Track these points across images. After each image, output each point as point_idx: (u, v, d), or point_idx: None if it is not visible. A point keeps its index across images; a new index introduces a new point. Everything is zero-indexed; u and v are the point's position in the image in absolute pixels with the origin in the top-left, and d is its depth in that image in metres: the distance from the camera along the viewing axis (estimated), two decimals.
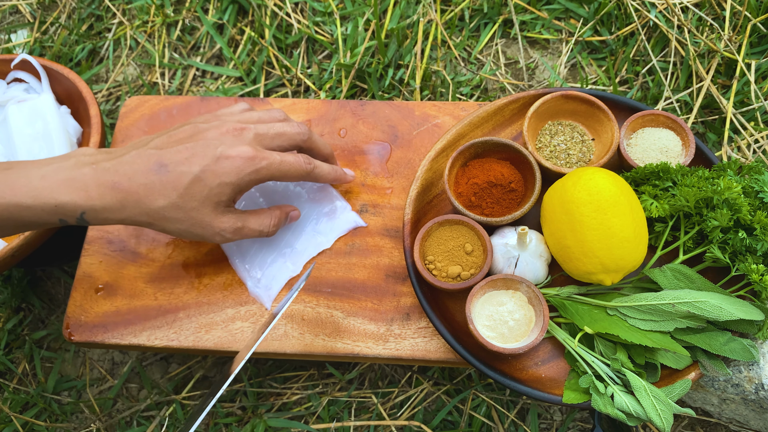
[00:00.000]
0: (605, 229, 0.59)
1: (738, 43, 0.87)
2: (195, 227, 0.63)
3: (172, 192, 0.60)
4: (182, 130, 0.64)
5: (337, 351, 0.68)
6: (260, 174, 0.63)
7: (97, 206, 0.59)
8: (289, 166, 0.65)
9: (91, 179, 0.59)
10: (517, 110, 0.75)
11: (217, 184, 0.61)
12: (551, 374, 0.64)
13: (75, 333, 0.72)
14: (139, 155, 0.61)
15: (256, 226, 0.67)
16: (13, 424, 0.79)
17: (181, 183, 0.60)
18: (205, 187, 0.61)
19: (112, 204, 0.60)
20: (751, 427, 0.72)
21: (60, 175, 0.59)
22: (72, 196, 0.58)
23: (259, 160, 0.62)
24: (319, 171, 0.69)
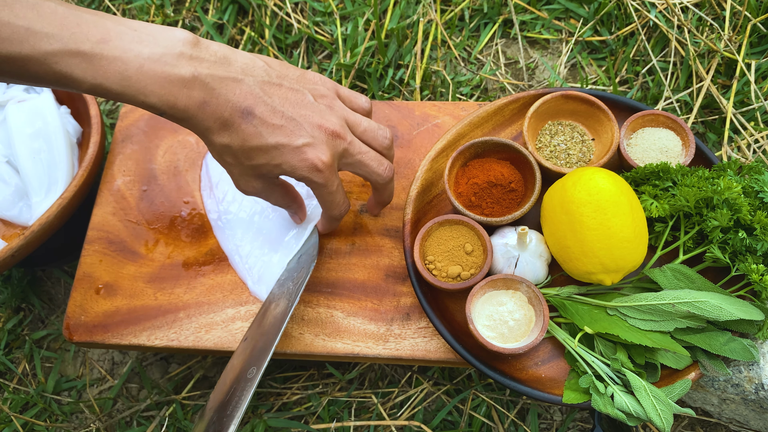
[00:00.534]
0: (605, 229, 0.59)
1: (738, 43, 0.87)
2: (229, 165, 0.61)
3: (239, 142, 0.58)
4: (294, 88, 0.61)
5: (337, 351, 0.68)
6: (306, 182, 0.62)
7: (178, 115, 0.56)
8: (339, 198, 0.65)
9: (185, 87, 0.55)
10: (517, 110, 0.75)
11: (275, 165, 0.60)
12: (551, 374, 0.64)
13: (75, 333, 0.72)
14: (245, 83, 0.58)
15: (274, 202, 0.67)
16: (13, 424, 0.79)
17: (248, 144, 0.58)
18: (263, 166, 0.60)
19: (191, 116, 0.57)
20: (751, 427, 0.72)
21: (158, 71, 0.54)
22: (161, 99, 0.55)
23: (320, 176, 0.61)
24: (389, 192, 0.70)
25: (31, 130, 0.82)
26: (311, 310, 0.70)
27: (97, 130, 0.82)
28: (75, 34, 0.52)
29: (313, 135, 0.60)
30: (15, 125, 0.82)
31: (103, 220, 0.78)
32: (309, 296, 0.71)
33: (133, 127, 0.84)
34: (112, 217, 0.78)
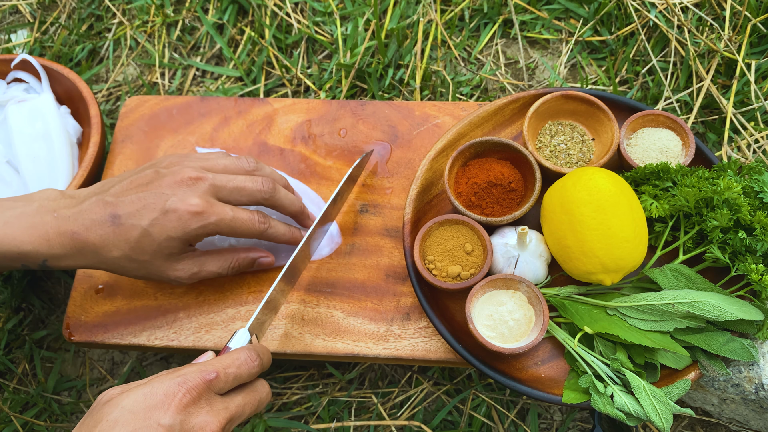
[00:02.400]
0: (605, 229, 0.59)
1: (738, 43, 0.87)
2: (152, 275, 0.64)
3: (125, 245, 0.61)
4: (144, 175, 0.64)
5: (337, 351, 0.68)
6: (207, 229, 0.62)
7: (58, 254, 0.61)
8: (240, 223, 0.64)
9: (52, 228, 0.61)
10: (517, 110, 0.75)
11: (165, 238, 0.61)
12: (551, 374, 0.64)
13: (75, 333, 0.72)
14: (97, 204, 0.62)
15: (214, 268, 0.67)
16: (13, 424, 0.79)
17: (132, 236, 0.61)
18: (153, 242, 0.61)
19: (72, 253, 0.61)
20: (751, 427, 0.72)
21: (23, 223, 0.61)
22: (34, 245, 0.60)
23: (208, 216, 0.62)
24: (273, 231, 0.67)
25: (31, 131, 0.82)
26: (311, 310, 0.70)
27: (97, 130, 0.82)
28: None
29: (175, 192, 0.62)
30: (15, 125, 0.82)
31: None
32: (309, 296, 0.71)
33: (133, 127, 0.84)
34: None
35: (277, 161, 0.80)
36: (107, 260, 0.62)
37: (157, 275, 0.64)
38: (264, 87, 0.96)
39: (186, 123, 0.84)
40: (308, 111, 0.82)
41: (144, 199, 0.61)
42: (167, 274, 0.65)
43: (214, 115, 0.84)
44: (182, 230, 0.61)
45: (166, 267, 0.64)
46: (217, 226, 0.63)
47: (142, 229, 0.61)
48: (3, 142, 0.83)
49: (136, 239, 0.61)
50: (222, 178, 0.64)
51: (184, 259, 0.65)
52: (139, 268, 0.63)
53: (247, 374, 0.54)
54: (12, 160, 0.82)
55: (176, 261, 0.64)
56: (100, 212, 0.61)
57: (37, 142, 0.82)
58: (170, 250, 0.63)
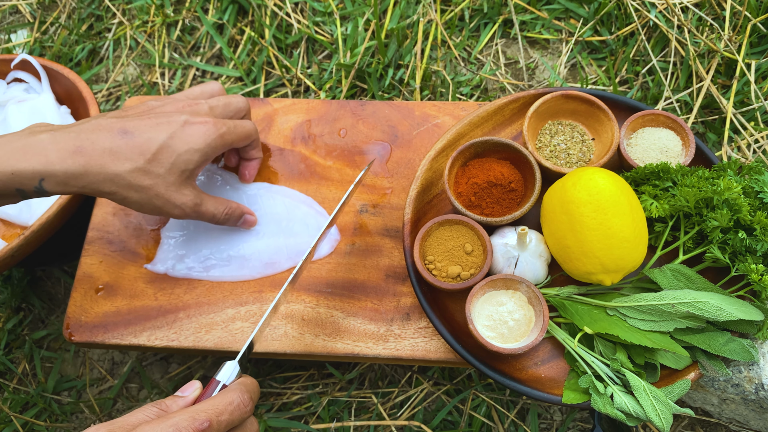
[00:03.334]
0: (605, 229, 0.59)
1: (738, 43, 0.87)
2: (156, 198, 0.62)
3: (139, 157, 0.59)
4: (136, 108, 0.64)
5: (337, 351, 0.68)
6: (224, 138, 0.65)
7: (57, 171, 0.57)
8: (243, 128, 0.69)
9: (50, 144, 0.57)
10: (517, 110, 0.75)
11: (185, 150, 0.61)
12: (551, 374, 0.64)
13: (75, 333, 0.72)
14: (100, 123, 0.60)
15: (211, 208, 0.68)
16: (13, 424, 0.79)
17: (149, 148, 0.60)
18: (173, 154, 0.61)
19: (75, 169, 0.57)
20: (751, 427, 0.72)
21: (15, 143, 0.56)
22: (30, 162, 0.56)
23: (221, 125, 0.65)
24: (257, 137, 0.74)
25: None
26: (311, 310, 0.70)
27: None
28: None
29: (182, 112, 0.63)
30: (15, 125, 0.82)
31: (104, 221, 0.78)
32: (309, 296, 0.71)
33: None
34: (113, 217, 0.78)
35: (277, 161, 0.80)
36: (115, 176, 0.59)
37: (162, 197, 0.62)
38: (264, 87, 0.96)
39: None
40: (308, 111, 0.82)
41: (155, 119, 0.61)
42: (174, 196, 0.63)
43: None
44: (203, 141, 0.62)
45: (175, 189, 0.63)
46: (231, 134, 0.66)
47: (162, 142, 0.60)
48: None
49: (154, 151, 0.60)
50: (213, 100, 0.68)
51: (190, 187, 0.65)
52: (147, 186, 0.61)
53: (239, 419, 0.51)
54: None
55: (184, 185, 0.64)
56: (107, 128, 0.59)
57: None
58: (188, 164, 0.62)
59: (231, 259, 0.73)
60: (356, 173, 0.78)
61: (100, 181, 0.59)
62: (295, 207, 0.76)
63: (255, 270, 0.73)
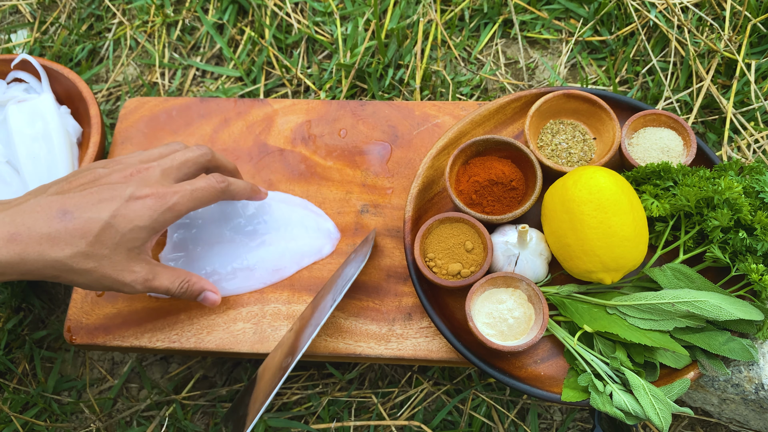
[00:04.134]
0: (606, 228, 0.59)
1: (738, 43, 0.87)
2: (103, 278, 0.59)
3: (80, 240, 0.56)
4: (82, 176, 0.60)
5: (339, 351, 0.68)
6: (175, 210, 0.60)
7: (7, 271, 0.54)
8: (201, 192, 0.62)
9: None
10: (518, 109, 0.75)
11: (130, 228, 0.58)
12: (550, 372, 0.64)
13: (76, 335, 0.72)
14: (39, 203, 0.56)
15: (166, 282, 0.63)
16: (13, 424, 0.79)
17: (90, 230, 0.56)
18: (117, 234, 0.57)
19: (10, 258, 0.54)
20: (751, 427, 0.72)
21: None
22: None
23: (171, 196, 0.60)
24: (235, 187, 0.67)
25: (31, 131, 0.82)
26: None
27: (97, 130, 0.82)
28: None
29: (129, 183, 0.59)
30: (15, 125, 0.82)
31: None
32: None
33: (133, 128, 0.84)
34: None
35: (277, 162, 0.80)
36: (55, 262, 0.55)
37: (110, 277, 0.59)
38: (264, 87, 0.96)
39: (186, 124, 0.84)
40: (308, 111, 0.82)
41: (97, 193, 0.57)
42: (122, 276, 0.59)
43: (213, 116, 0.84)
44: (149, 217, 0.58)
45: (123, 266, 0.59)
46: (182, 204, 0.60)
47: (104, 222, 0.56)
48: (3, 142, 0.83)
49: (96, 233, 0.56)
50: (166, 161, 0.63)
51: (141, 262, 0.61)
52: (93, 268, 0.57)
53: None
54: (12, 160, 0.82)
55: (134, 261, 0.60)
56: (45, 209, 0.56)
57: (37, 142, 0.82)
58: (133, 243, 0.58)
59: (236, 272, 0.73)
60: (356, 173, 0.78)
61: (39, 267, 0.55)
62: (292, 211, 0.75)
63: (262, 279, 0.72)
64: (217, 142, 0.82)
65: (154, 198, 0.59)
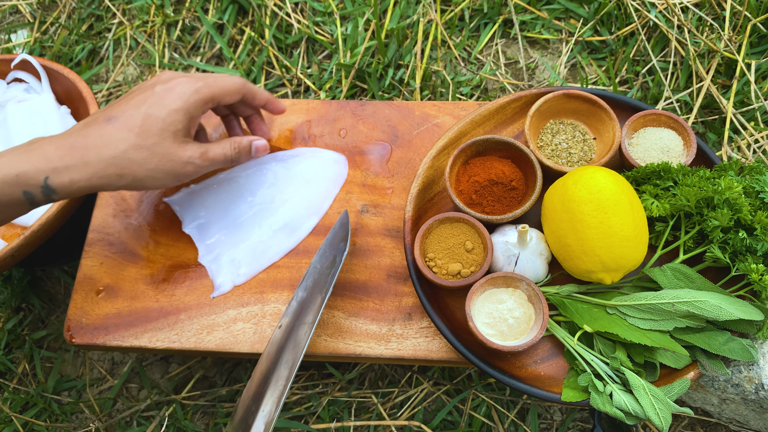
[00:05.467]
0: (606, 228, 0.59)
1: (738, 43, 0.87)
2: (164, 162, 0.63)
3: (129, 133, 0.61)
4: (128, 92, 0.66)
5: (339, 351, 0.68)
6: (202, 93, 0.65)
7: (59, 167, 0.59)
8: (224, 81, 0.68)
9: (48, 145, 0.60)
10: (518, 109, 0.75)
11: (167, 113, 0.62)
12: (550, 372, 0.64)
13: (76, 335, 0.72)
14: (88, 120, 0.63)
15: (219, 151, 0.68)
16: (13, 424, 0.79)
17: (134, 123, 0.61)
18: (158, 120, 0.62)
19: (75, 162, 0.60)
20: (751, 427, 0.72)
21: (18, 150, 0.60)
22: (32, 162, 0.58)
23: (195, 81, 0.65)
24: (252, 86, 0.72)
25: (31, 131, 0.82)
26: None
27: None
28: None
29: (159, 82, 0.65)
30: (15, 125, 0.82)
31: (104, 222, 0.78)
32: None
33: None
34: (113, 219, 0.78)
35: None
36: (115, 159, 0.61)
37: (169, 160, 0.64)
38: (264, 87, 0.96)
39: None
40: (308, 111, 0.82)
41: (135, 94, 0.64)
42: (179, 154, 0.64)
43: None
44: (181, 99, 0.63)
45: (176, 148, 0.64)
46: (208, 88, 0.66)
47: (143, 114, 0.62)
48: (3, 142, 0.83)
49: (140, 124, 0.61)
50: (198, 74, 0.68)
51: (190, 143, 0.66)
52: (149, 157, 0.62)
53: None
54: None
55: (183, 143, 0.65)
56: (94, 121, 0.62)
57: None
58: (176, 125, 0.63)
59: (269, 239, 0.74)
60: (356, 173, 0.78)
61: (103, 168, 0.61)
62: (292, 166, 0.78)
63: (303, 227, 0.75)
64: None
65: (182, 84, 0.64)
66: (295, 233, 0.74)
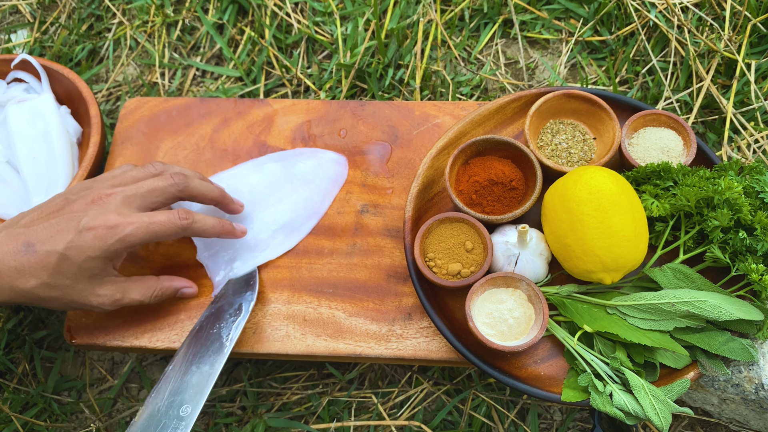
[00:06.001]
0: (605, 228, 0.59)
1: (738, 43, 0.87)
2: (72, 303, 0.62)
3: (42, 272, 0.59)
4: (53, 204, 0.63)
5: (339, 351, 0.68)
6: (127, 241, 0.61)
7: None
8: (159, 226, 0.62)
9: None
10: (518, 109, 0.75)
11: (84, 259, 0.60)
12: (550, 372, 0.64)
13: (76, 336, 0.72)
14: (9, 236, 0.60)
15: (137, 296, 0.65)
16: (13, 424, 0.79)
17: (49, 262, 0.59)
18: (73, 264, 0.60)
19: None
20: (751, 427, 0.72)
21: None
22: None
23: (124, 227, 0.60)
24: (200, 225, 0.66)
25: (31, 131, 0.82)
26: (312, 311, 0.70)
27: (97, 130, 0.82)
28: None
29: (87, 212, 0.60)
30: (15, 125, 0.82)
31: None
32: (310, 297, 0.71)
33: (133, 128, 0.84)
34: None
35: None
36: (25, 291, 0.59)
37: (78, 302, 0.62)
38: (264, 87, 0.96)
39: (186, 124, 0.84)
40: (308, 111, 0.82)
41: (57, 225, 0.60)
42: (89, 300, 0.62)
43: (213, 116, 0.84)
44: (100, 248, 0.60)
45: (88, 292, 0.62)
46: (135, 236, 0.61)
47: (59, 254, 0.59)
48: (3, 142, 0.83)
49: (54, 265, 0.59)
50: (132, 187, 0.63)
51: (106, 284, 0.63)
52: (60, 296, 0.61)
53: None
54: (12, 160, 0.82)
55: (98, 285, 0.62)
56: (12, 243, 0.59)
57: (37, 142, 0.82)
58: (91, 271, 0.61)
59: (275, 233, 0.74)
60: (356, 173, 0.78)
61: (13, 297, 0.60)
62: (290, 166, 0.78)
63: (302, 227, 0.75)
64: (217, 142, 0.82)
65: (105, 229, 0.60)
66: (294, 233, 0.74)
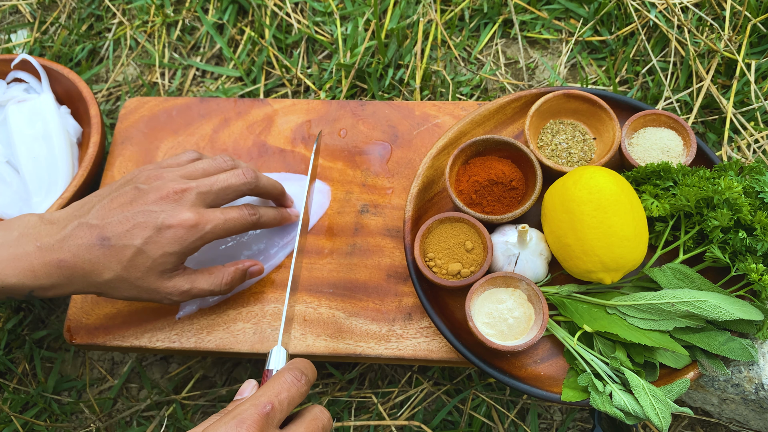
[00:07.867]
0: (605, 228, 0.59)
1: (738, 43, 0.87)
2: (142, 293, 0.63)
3: (117, 265, 0.60)
4: (123, 192, 0.63)
5: (339, 351, 0.68)
6: (205, 239, 0.62)
7: (45, 285, 0.59)
8: (234, 223, 0.64)
9: (36, 259, 0.59)
10: (518, 109, 0.75)
11: (160, 254, 0.61)
12: (550, 372, 0.64)
13: (76, 336, 0.72)
14: (81, 228, 0.60)
15: (206, 286, 0.65)
16: (13, 424, 0.79)
17: (125, 256, 0.60)
18: (148, 259, 0.60)
19: (60, 281, 0.60)
20: (751, 427, 0.72)
21: (4, 254, 0.59)
22: (19, 277, 0.59)
23: (203, 226, 0.62)
24: (265, 219, 0.69)
25: (31, 131, 0.82)
26: (312, 311, 0.70)
27: (97, 130, 0.82)
28: None
29: (163, 208, 0.61)
30: (15, 125, 0.82)
31: None
32: (310, 297, 0.71)
33: (133, 128, 0.84)
34: None
35: (277, 162, 0.80)
36: (98, 283, 0.61)
37: (147, 293, 0.63)
38: (264, 87, 0.96)
39: (186, 124, 0.84)
40: (308, 111, 0.82)
41: (132, 218, 0.60)
42: (159, 291, 0.63)
43: (213, 116, 0.84)
44: (179, 245, 0.61)
45: (159, 284, 0.62)
46: (213, 233, 0.63)
47: (136, 248, 0.60)
48: (3, 142, 0.83)
49: (129, 258, 0.60)
50: (206, 183, 0.64)
51: (175, 276, 0.64)
52: (130, 287, 0.62)
53: (298, 395, 0.53)
54: (12, 160, 0.82)
55: (168, 278, 0.63)
56: (86, 236, 0.60)
57: (37, 142, 0.82)
58: (165, 266, 0.62)
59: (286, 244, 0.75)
60: (356, 173, 0.78)
61: (85, 287, 0.61)
62: None
63: None
64: (217, 142, 0.82)
65: (184, 228, 0.61)
66: (267, 262, 0.74)
